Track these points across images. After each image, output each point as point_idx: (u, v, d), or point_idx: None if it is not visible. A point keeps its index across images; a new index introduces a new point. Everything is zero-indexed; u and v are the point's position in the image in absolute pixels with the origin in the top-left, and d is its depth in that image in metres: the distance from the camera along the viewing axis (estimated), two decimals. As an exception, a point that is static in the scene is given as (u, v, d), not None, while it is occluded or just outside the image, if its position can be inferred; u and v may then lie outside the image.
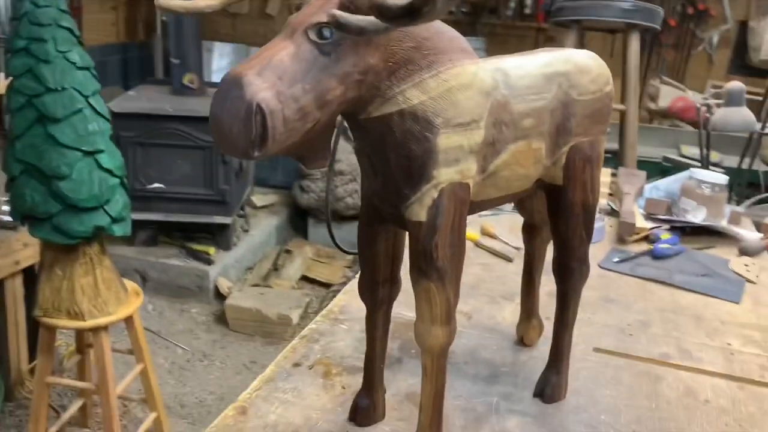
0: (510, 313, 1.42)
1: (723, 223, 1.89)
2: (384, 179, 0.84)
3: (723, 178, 1.91)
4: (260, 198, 4.48)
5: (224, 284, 3.63)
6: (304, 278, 4.01)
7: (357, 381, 1.14)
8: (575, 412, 1.10)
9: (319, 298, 3.76)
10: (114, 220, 2.04)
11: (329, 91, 0.72)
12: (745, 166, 2.99)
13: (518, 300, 1.29)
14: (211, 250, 3.70)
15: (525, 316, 1.28)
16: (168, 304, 3.60)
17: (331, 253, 4.27)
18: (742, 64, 3.86)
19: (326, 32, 0.71)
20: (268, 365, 1.22)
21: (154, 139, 3.45)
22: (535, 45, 4.17)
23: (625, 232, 1.79)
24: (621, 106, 2.52)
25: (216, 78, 4.20)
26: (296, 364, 1.19)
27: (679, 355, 1.29)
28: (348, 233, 4.45)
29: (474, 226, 1.88)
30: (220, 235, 3.76)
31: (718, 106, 2.20)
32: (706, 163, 2.56)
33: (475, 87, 0.84)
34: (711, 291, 1.54)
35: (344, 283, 3.81)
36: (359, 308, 1.41)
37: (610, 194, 2.06)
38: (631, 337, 1.35)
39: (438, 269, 0.85)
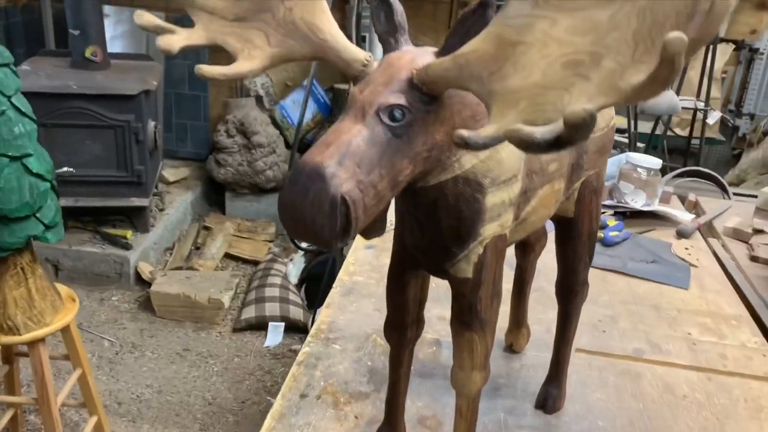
0: (492, 317, 1.46)
1: (659, 206, 2.02)
2: (432, 238, 0.84)
3: (657, 162, 2.03)
4: (171, 172, 4.28)
5: (145, 269, 3.48)
6: (228, 255, 3.92)
7: (368, 409, 1.15)
8: (576, 421, 1.17)
9: (246, 277, 3.69)
10: (47, 227, 1.91)
11: (401, 172, 0.70)
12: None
13: (504, 308, 1.34)
14: (128, 233, 3.52)
15: (514, 324, 1.33)
16: (86, 293, 3.41)
17: (252, 227, 4.18)
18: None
19: (398, 114, 0.68)
20: (204, 352, 1.20)
21: (59, 119, 3.19)
22: (450, 10, 4.19)
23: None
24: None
25: (113, 48, 3.90)
26: (303, 395, 1.18)
27: (651, 350, 1.39)
28: (269, 206, 4.38)
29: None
30: (136, 218, 3.58)
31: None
32: (633, 143, 2.71)
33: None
34: (663, 279, 1.66)
35: (272, 260, 3.77)
36: (347, 324, 1.41)
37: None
38: (605, 334, 1.44)
39: (481, 320, 0.87)
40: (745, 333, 1.48)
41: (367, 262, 1.66)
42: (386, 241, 1.79)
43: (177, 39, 0.73)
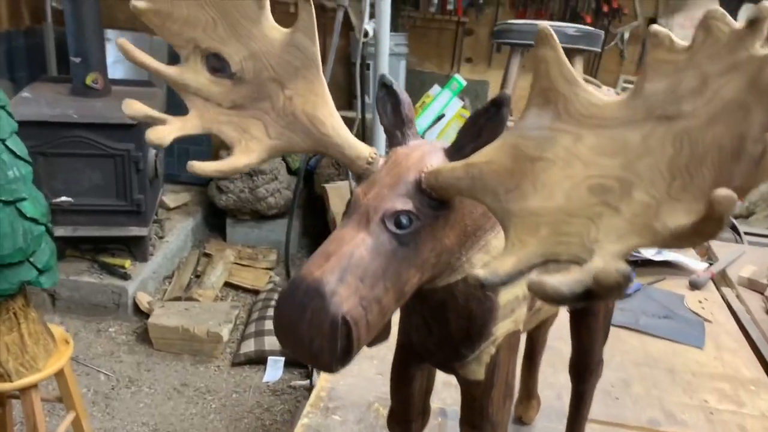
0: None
1: (670, 254, 1.96)
2: (440, 339, 0.78)
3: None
4: (172, 197, 4.24)
5: (144, 299, 3.42)
6: (228, 284, 3.86)
7: (370, 492, 1.09)
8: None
9: (246, 307, 3.63)
10: (41, 272, 1.86)
11: (408, 283, 0.64)
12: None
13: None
14: (127, 263, 3.47)
15: (525, 396, 1.27)
16: (83, 324, 3.35)
17: (253, 254, 4.13)
18: (650, 60, 4.01)
19: (404, 220, 0.63)
20: (202, 388, 1.15)
21: (59, 148, 3.15)
22: (455, 38, 4.15)
23: (586, 271, 1.82)
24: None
25: (114, 73, 3.86)
26: (301, 476, 1.12)
27: (666, 420, 1.33)
28: (270, 232, 4.32)
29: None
30: (135, 247, 3.52)
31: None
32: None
33: None
34: (677, 336, 1.60)
35: (273, 290, 3.71)
36: (348, 390, 1.35)
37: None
38: (618, 402, 1.37)
39: (493, 423, 0.81)
40: (764, 400, 1.42)
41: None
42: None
43: (169, 130, 0.68)
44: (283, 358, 3.18)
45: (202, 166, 0.67)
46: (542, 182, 0.54)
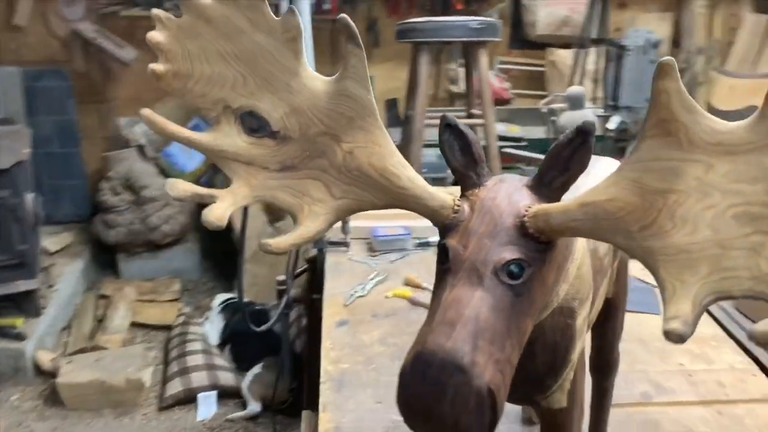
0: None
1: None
2: (525, 374, 0.76)
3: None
4: (52, 240, 3.87)
5: (45, 358, 3.10)
6: (134, 324, 3.59)
7: None
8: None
9: (161, 345, 3.41)
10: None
11: (526, 333, 0.61)
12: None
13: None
14: (18, 321, 3.13)
15: None
16: (-22, 399, 2.99)
17: (154, 288, 3.87)
18: (521, 39, 4.20)
19: (516, 269, 0.59)
20: None
21: None
22: (332, 38, 4.09)
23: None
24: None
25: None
26: None
27: (656, 391, 1.39)
28: (168, 261, 4.07)
29: (395, 280, 1.83)
30: (24, 302, 3.18)
31: (561, 110, 2.38)
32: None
33: (583, 250, 0.78)
34: (635, 307, 1.68)
35: (185, 323, 3.49)
36: (354, 427, 1.30)
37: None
38: (608, 382, 1.42)
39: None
40: (728, 353, 1.52)
41: (345, 343, 1.55)
42: (357, 313, 1.69)
43: (224, 207, 0.60)
44: (215, 392, 3.01)
45: (278, 243, 0.60)
46: (681, 216, 0.53)
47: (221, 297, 3.56)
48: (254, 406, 2.92)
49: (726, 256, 0.50)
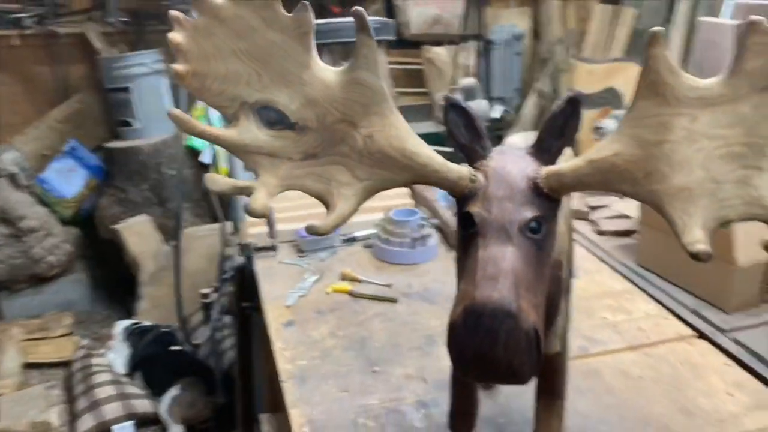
0: (453, 360, 1.49)
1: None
2: None
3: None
4: None
5: (-68, 415, 2.82)
6: (28, 365, 3.35)
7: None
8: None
9: (62, 381, 3.20)
10: None
11: (547, 280, 0.69)
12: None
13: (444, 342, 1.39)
14: None
15: None
16: None
17: (44, 324, 3.62)
18: (397, 38, 4.34)
19: (535, 225, 0.67)
20: None
21: None
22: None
23: (454, 241, 1.98)
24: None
25: None
26: None
27: (591, 344, 1.54)
28: (55, 294, 3.80)
29: (330, 277, 1.87)
30: None
31: (459, 100, 2.51)
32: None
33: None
34: (555, 273, 1.84)
35: (87, 356, 3.29)
36: (326, 419, 1.32)
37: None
38: (547, 342, 1.55)
39: (565, 386, 0.89)
40: (641, 303, 1.71)
41: (297, 340, 1.57)
42: (300, 313, 1.71)
43: (262, 197, 0.63)
44: (131, 422, 2.88)
45: (324, 227, 0.63)
46: (677, 161, 0.62)
47: (122, 324, 3.39)
48: (176, 429, 2.83)
49: (720, 189, 0.60)
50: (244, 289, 2.01)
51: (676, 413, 1.30)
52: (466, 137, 0.74)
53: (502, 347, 0.61)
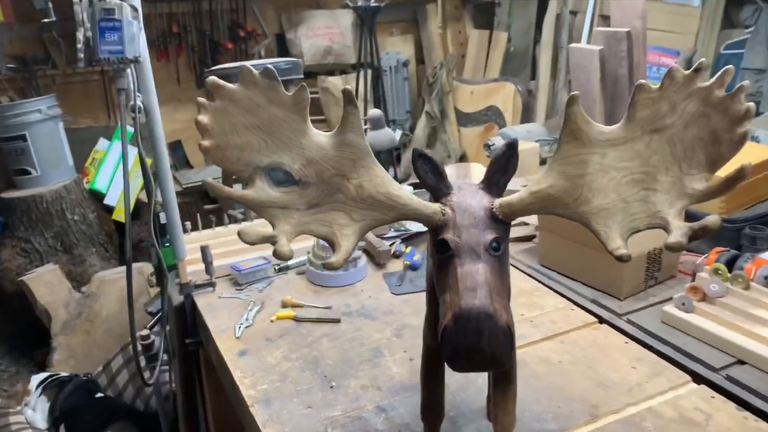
0: (400, 365, 1.67)
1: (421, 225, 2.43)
2: None
3: (408, 188, 2.44)
4: None
5: None
6: (-65, 434, 3.17)
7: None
8: (521, 415, 1.47)
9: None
10: None
11: (508, 286, 0.88)
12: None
13: (390, 353, 1.60)
14: None
15: None
16: None
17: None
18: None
19: (495, 245, 0.86)
20: None
21: None
22: (105, 88, 3.97)
23: (384, 258, 2.17)
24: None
25: None
26: None
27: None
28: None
29: (271, 305, 1.99)
30: None
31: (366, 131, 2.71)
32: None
33: None
34: (474, 281, 2.06)
35: (2, 415, 3.15)
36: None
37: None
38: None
39: (515, 375, 1.09)
40: (549, 299, 1.96)
41: (254, 367, 1.68)
42: (251, 342, 1.82)
43: (285, 243, 0.78)
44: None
45: (337, 261, 0.78)
46: (595, 188, 0.84)
47: (38, 378, 3.30)
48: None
49: (629, 206, 0.82)
50: (185, 326, 2.09)
51: (594, 388, 1.55)
52: (433, 180, 0.92)
53: (486, 342, 0.79)
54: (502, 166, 0.91)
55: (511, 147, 0.90)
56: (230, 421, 1.98)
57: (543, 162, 3.16)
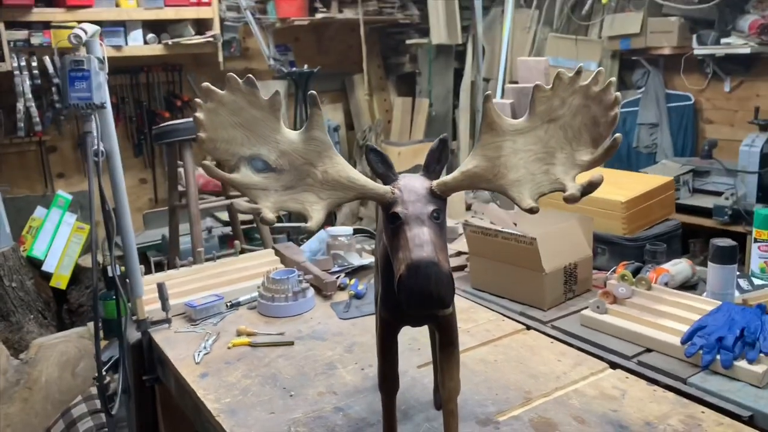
0: (353, 374, 1.82)
1: (362, 260, 2.63)
2: None
3: (350, 229, 2.65)
4: None
5: None
6: None
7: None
8: (471, 402, 1.65)
9: None
10: None
11: (446, 247, 1.09)
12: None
13: (343, 365, 1.78)
14: None
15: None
16: None
17: None
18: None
19: (436, 215, 1.08)
20: None
21: None
22: (42, 156, 4.03)
23: (330, 289, 2.35)
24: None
25: None
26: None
27: (454, 346, 1.96)
28: None
29: (226, 336, 2.11)
30: None
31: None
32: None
33: None
34: (414, 303, 2.26)
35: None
36: None
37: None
38: (419, 351, 1.95)
39: (458, 336, 1.29)
40: (482, 313, 2.18)
41: (216, 386, 1.79)
42: (210, 366, 1.93)
43: (269, 213, 0.97)
44: None
45: (315, 225, 0.97)
46: (510, 166, 1.07)
47: (-26, 449, 3.21)
48: None
49: (535, 178, 1.06)
50: (143, 362, 2.18)
51: (526, 378, 1.75)
52: (382, 168, 1.13)
53: (434, 284, 0.99)
54: (437, 156, 1.13)
55: (443, 141, 1.13)
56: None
57: (468, 207, 3.45)
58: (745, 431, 1.48)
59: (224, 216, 3.83)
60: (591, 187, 1.01)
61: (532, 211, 1.04)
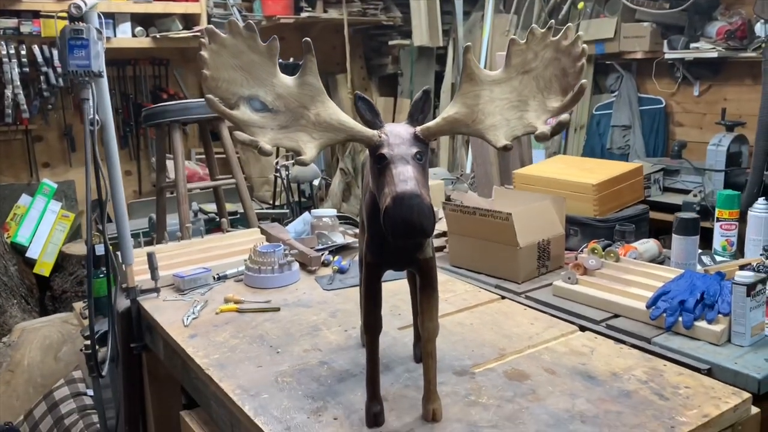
0: (337, 335, 1.91)
1: (345, 240, 2.72)
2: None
3: (332, 211, 2.74)
4: None
5: None
6: None
7: (343, 410, 1.51)
8: (448, 358, 1.74)
9: None
10: None
11: (428, 184, 1.19)
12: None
13: (327, 327, 1.87)
14: None
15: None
16: None
17: None
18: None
19: (419, 156, 1.17)
20: None
21: None
22: (27, 145, 4.07)
23: (315, 264, 2.43)
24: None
25: None
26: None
27: (433, 312, 2.05)
28: None
29: (214, 304, 2.19)
30: None
31: (293, 165, 3.00)
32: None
33: None
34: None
35: None
36: (256, 388, 1.65)
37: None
38: (400, 316, 2.04)
39: (437, 279, 1.38)
40: (460, 285, 2.28)
41: (205, 345, 1.86)
42: (199, 328, 2.00)
43: (265, 146, 1.06)
44: None
45: (308, 157, 1.06)
46: (488, 112, 1.17)
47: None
48: None
49: (510, 122, 1.16)
50: (131, 330, 2.24)
51: (501, 338, 1.85)
52: (370, 116, 1.23)
53: (416, 215, 1.08)
54: (420, 107, 1.23)
55: (426, 93, 1.23)
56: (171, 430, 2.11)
57: (448, 198, 3.55)
58: (704, 380, 1.59)
59: (211, 207, 3.89)
60: (560, 126, 1.11)
61: (506, 148, 1.14)
